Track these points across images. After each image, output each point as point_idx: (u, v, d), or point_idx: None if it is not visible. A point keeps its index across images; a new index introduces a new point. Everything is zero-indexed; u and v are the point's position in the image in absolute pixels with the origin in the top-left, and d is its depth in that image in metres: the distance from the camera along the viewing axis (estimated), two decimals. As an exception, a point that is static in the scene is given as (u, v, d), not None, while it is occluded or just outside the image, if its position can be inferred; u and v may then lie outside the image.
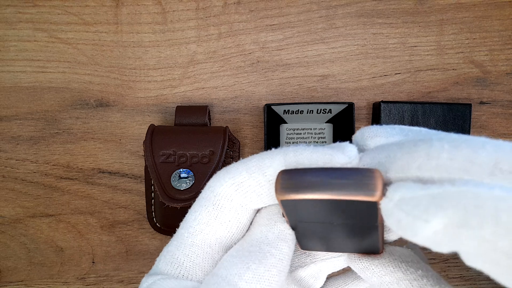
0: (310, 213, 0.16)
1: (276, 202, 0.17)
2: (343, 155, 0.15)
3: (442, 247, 0.12)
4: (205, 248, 0.18)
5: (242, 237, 0.18)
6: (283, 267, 0.17)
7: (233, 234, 0.18)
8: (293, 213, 0.16)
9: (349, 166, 0.15)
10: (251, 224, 0.18)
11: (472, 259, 0.12)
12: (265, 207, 0.18)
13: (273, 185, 0.16)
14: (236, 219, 0.18)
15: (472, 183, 0.12)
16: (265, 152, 0.17)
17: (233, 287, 0.16)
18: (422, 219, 0.12)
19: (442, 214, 0.12)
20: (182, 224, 0.19)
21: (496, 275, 0.12)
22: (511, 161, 0.13)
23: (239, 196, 0.17)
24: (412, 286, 0.17)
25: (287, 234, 0.17)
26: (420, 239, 0.13)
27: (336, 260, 0.20)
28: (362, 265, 0.18)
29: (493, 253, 0.11)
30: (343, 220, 0.15)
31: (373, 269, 0.18)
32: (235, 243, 0.18)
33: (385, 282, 0.18)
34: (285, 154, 0.16)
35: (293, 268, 0.21)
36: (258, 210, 0.18)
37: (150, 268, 0.46)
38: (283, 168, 0.16)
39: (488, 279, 0.44)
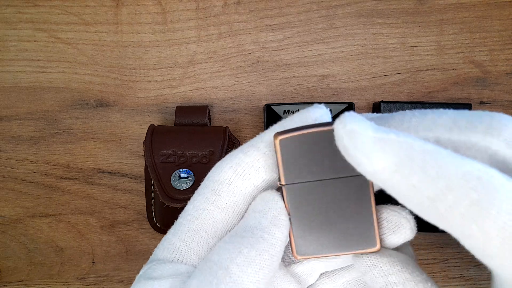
0: (306, 164, 0.17)
1: (273, 176, 0.19)
2: (315, 109, 0.18)
3: (381, 183, 0.15)
4: (201, 233, 0.19)
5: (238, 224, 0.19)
6: (276, 252, 0.17)
7: (229, 218, 0.19)
8: (291, 166, 0.17)
9: (324, 116, 0.18)
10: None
11: (402, 200, 0.15)
12: (260, 194, 0.18)
13: (268, 156, 0.18)
14: (233, 203, 0.19)
15: (412, 136, 0.15)
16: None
17: (224, 271, 0.16)
18: (366, 156, 0.14)
19: (382, 157, 0.14)
20: (180, 214, 0.20)
21: (421, 214, 0.15)
22: (467, 119, 0.16)
23: (238, 177, 0.19)
24: (417, 286, 0.17)
25: (281, 220, 0.18)
26: (362, 171, 0.15)
27: (329, 261, 0.20)
28: (370, 262, 0.18)
29: (418, 196, 0.14)
30: (336, 172, 0.17)
31: (381, 267, 0.18)
32: (230, 230, 0.19)
33: (391, 283, 0.18)
34: (272, 129, 0.19)
35: (286, 263, 0.21)
36: (254, 198, 0.19)
37: (150, 268, 0.46)
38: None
39: (488, 279, 0.44)
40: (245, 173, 0.18)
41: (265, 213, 0.18)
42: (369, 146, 0.14)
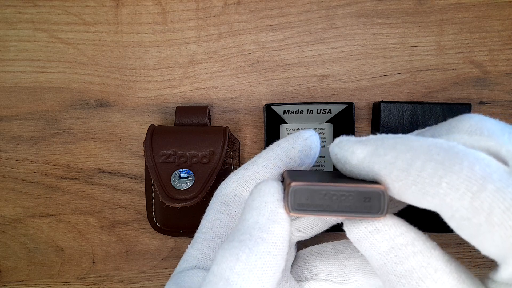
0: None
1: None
2: (303, 132, 0.23)
3: (365, 171, 0.17)
4: (216, 240, 0.20)
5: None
6: (278, 250, 0.16)
7: None
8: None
9: (312, 136, 0.23)
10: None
11: (384, 179, 0.17)
12: (255, 188, 0.18)
13: (267, 169, 0.21)
14: (241, 210, 0.19)
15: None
16: None
17: (225, 282, 0.15)
18: (350, 151, 0.18)
19: (363, 148, 0.17)
20: (196, 230, 0.21)
21: (398, 187, 0.16)
22: (431, 132, 0.19)
23: (241, 188, 0.21)
24: (426, 245, 0.17)
25: (279, 213, 0.17)
26: (349, 166, 0.18)
27: (339, 286, 0.20)
28: (372, 227, 0.17)
29: (395, 171, 0.16)
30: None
31: (386, 230, 0.17)
32: None
33: (398, 245, 0.17)
34: (270, 148, 0.22)
35: (297, 279, 0.21)
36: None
37: (150, 268, 0.46)
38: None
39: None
40: (247, 185, 0.21)
41: (261, 209, 0.17)
42: (352, 145, 0.18)
